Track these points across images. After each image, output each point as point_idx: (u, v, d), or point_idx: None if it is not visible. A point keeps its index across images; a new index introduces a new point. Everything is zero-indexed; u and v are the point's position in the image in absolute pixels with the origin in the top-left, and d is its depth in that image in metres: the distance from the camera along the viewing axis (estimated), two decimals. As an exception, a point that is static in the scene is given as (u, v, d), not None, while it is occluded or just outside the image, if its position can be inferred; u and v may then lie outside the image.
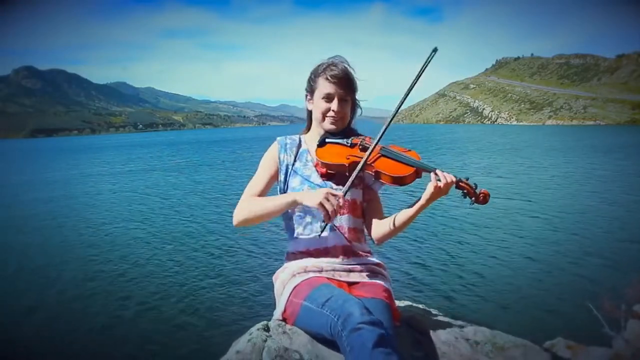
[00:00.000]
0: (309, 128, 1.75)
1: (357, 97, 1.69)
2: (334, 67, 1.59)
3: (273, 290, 1.66)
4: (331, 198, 1.42)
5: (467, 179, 1.46)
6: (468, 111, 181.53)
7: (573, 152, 27.05)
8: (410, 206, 1.49)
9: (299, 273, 1.56)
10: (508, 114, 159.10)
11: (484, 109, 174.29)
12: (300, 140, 1.73)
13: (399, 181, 1.50)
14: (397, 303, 1.70)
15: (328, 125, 1.63)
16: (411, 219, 1.49)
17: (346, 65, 1.62)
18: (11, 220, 11.50)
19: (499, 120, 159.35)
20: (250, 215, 1.55)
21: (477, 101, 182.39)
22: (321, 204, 1.41)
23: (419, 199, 1.46)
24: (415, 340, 1.63)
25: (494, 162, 22.09)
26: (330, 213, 1.41)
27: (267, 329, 1.49)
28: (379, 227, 1.59)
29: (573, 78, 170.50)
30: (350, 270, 1.59)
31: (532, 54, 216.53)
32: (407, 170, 1.50)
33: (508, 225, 9.08)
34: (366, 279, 1.58)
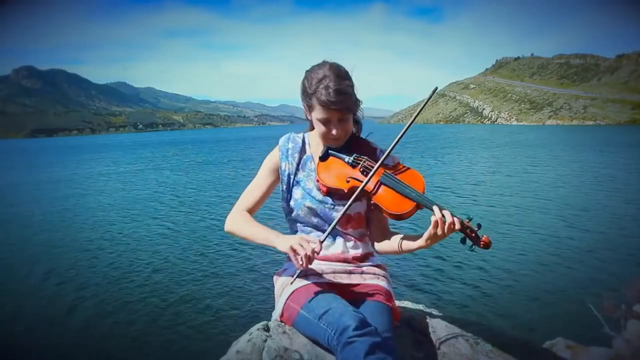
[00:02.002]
0: (312, 127, 1.66)
1: (359, 110, 1.58)
2: (326, 92, 1.41)
3: (273, 291, 1.65)
4: (305, 244, 1.37)
5: (470, 220, 1.35)
6: (468, 111, 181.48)
7: (574, 150, 27.04)
8: (413, 238, 1.46)
9: (298, 277, 1.53)
10: (508, 114, 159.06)
11: (484, 109, 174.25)
12: (303, 143, 1.65)
13: (397, 218, 1.42)
14: (397, 303, 1.70)
15: (330, 144, 1.56)
16: (411, 251, 1.49)
17: (340, 82, 1.43)
18: (23, 219, 11.51)
19: (499, 120, 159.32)
20: (236, 232, 1.59)
21: (477, 101, 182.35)
22: (292, 249, 1.37)
23: (420, 237, 1.42)
24: (415, 340, 1.62)
25: (494, 161, 22.10)
26: (302, 258, 1.35)
27: (267, 329, 1.49)
28: (382, 242, 1.57)
29: (573, 78, 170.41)
30: (351, 272, 1.58)
31: (532, 54, 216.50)
32: (407, 207, 1.40)
33: (508, 226, 9.08)
34: (367, 281, 1.57)
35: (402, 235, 1.51)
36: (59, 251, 8.43)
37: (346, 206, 1.44)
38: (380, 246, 1.58)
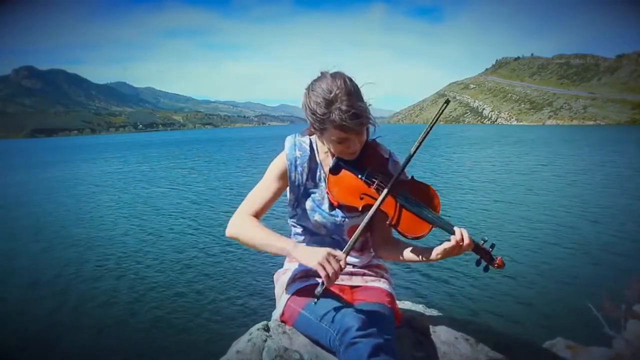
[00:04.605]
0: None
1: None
2: (341, 114, 1.28)
3: (274, 290, 1.64)
4: (332, 260, 1.28)
5: (485, 241, 1.36)
6: (468, 111, 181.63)
7: (575, 149, 27.03)
8: (421, 251, 1.42)
9: (299, 278, 1.52)
10: (508, 114, 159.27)
11: (484, 109, 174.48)
12: (312, 151, 1.54)
13: (413, 239, 1.41)
14: (398, 304, 1.70)
15: (347, 157, 1.45)
16: (416, 261, 1.45)
17: (353, 100, 1.30)
18: (27, 219, 11.52)
19: (499, 120, 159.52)
20: (241, 238, 1.44)
21: (477, 101, 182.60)
22: (320, 265, 1.27)
23: (431, 250, 1.39)
24: (415, 340, 1.63)
25: (499, 160, 22.09)
26: (330, 276, 1.26)
27: (267, 329, 1.49)
28: (384, 249, 1.54)
29: (573, 78, 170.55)
30: (352, 274, 1.57)
31: (532, 54, 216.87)
32: (424, 229, 1.37)
33: (508, 226, 9.08)
34: (368, 283, 1.57)
35: (409, 247, 1.46)
36: (59, 247, 8.43)
37: (362, 224, 1.37)
38: (383, 252, 1.55)
